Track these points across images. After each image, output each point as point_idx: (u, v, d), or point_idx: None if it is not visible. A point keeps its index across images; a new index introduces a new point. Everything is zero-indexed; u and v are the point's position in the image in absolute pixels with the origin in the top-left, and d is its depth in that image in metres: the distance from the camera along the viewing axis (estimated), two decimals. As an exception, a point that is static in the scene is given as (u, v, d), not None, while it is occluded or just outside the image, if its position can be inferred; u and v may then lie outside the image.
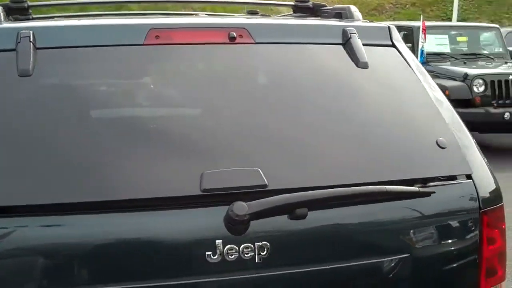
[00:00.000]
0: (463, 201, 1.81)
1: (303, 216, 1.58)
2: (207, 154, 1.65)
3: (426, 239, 1.77)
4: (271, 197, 1.55)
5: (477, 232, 1.79)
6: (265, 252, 1.56)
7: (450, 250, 1.78)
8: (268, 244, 1.56)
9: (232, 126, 1.74)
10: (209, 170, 1.58)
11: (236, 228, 1.53)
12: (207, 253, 1.53)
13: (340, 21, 2.21)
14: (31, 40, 1.72)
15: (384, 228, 1.71)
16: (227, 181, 1.58)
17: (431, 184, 1.78)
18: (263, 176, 1.59)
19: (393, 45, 2.08)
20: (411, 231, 1.73)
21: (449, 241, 1.79)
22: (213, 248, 1.53)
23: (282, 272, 1.59)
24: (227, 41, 1.86)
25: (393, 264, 1.69)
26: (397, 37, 2.13)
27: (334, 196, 1.60)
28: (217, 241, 1.53)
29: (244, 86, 1.86)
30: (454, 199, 1.81)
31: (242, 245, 1.55)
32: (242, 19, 2.36)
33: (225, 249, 1.54)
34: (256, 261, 1.55)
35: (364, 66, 1.93)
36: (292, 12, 2.71)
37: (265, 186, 1.58)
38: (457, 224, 1.79)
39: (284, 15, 2.88)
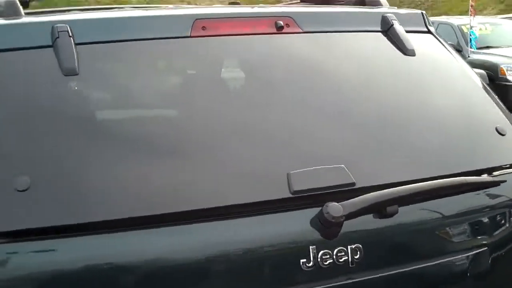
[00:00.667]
0: None
1: (394, 214, 1.49)
2: (285, 152, 1.52)
3: (502, 230, 1.71)
4: (363, 196, 1.45)
5: None
6: (358, 256, 1.45)
7: None
8: (361, 246, 1.46)
9: (306, 120, 1.61)
10: (295, 170, 1.45)
11: (331, 231, 1.41)
12: (301, 260, 1.41)
13: (377, 7, 2.12)
14: (70, 34, 1.53)
15: (464, 221, 1.64)
16: (316, 181, 1.46)
17: (498, 173, 1.73)
18: (349, 173, 1.49)
19: (429, 31, 2.03)
20: (486, 222, 1.67)
21: None
22: (307, 255, 1.41)
23: (377, 275, 1.49)
24: (274, 30, 1.74)
25: (473, 259, 1.62)
26: (430, 23, 2.08)
27: (423, 190, 1.52)
28: (310, 247, 1.41)
29: (306, 78, 1.74)
30: None
31: (336, 249, 1.43)
32: (284, 8, 2.22)
33: (319, 254, 1.41)
34: (350, 265, 1.44)
35: (412, 54, 1.87)
36: (299, 1, 2.60)
37: (353, 184, 1.48)
38: None
39: (291, 3, 2.77)
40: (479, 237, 1.64)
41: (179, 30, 1.65)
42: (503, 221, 1.69)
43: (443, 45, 2.01)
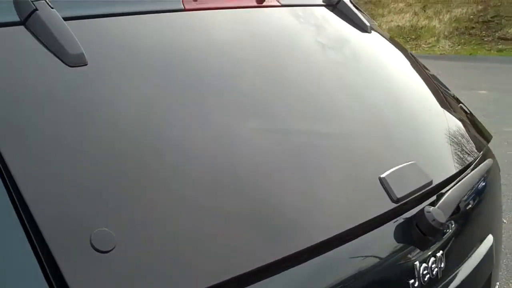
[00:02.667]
0: None
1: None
2: (352, 150, 1.27)
3: None
4: (450, 195, 1.27)
5: None
6: (443, 264, 1.25)
7: None
8: (442, 251, 1.25)
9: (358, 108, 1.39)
10: (383, 173, 1.20)
11: (429, 241, 1.20)
12: (410, 282, 1.16)
13: None
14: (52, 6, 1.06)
15: None
16: (407, 183, 1.23)
17: None
18: (424, 170, 1.29)
19: None
20: None
21: None
22: (413, 273, 1.17)
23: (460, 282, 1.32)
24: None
25: None
26: None
27: None
28: (415, 263, 1.18)
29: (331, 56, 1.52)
30: None
31: (431, 259, 1.22)
32: None
33: (421, 270, 1.19)
34: (439, 276, 1.24)
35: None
36: None
37: (431, 182, 1.28)
38: None
39: None
40: None
41: (171, 3, 1.31)
42: None
43: None
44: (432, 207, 1.19)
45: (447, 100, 1.73)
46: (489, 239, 1.52)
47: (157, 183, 0.96)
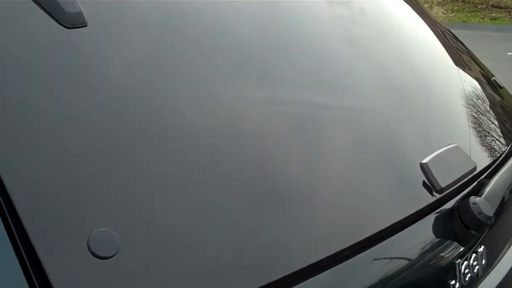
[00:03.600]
0: None
1: None
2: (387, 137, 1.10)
3: None
4: (496, 182, 1.12)
5: None
6: (484, 261, 1.10)
7: None
8: (483, 247, 1.10)
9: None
10: (425, 159, 1.04)
11: (473, 236, 1.05)
12: (451, 283, 1.01)
13: None
14: None
15: None
16: (449, 170, 1.08)
17: None
18: (467, 154, 1.14)
19: None
20: None
21: None
22: (454, 273, 1.03)
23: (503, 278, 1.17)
24: None
25: None
26: None
27: None
28: (456, 261, 1.02)
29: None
30: None
31: (473, 256, 1.07)
32: None
33: (462, 268, 1.03)
34: (479, 274, 1.09)
35: None
36: None
37: (475, 168, 1.13)
38: None
39: None
40: None
41: None
42: None
43: None
44: (478, 198, 1.03)
45: (478, 71, 1.56)
46: None
47: (169, 169, 0.79)
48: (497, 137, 1.34)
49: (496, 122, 1.37)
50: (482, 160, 1.20)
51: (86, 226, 0.67)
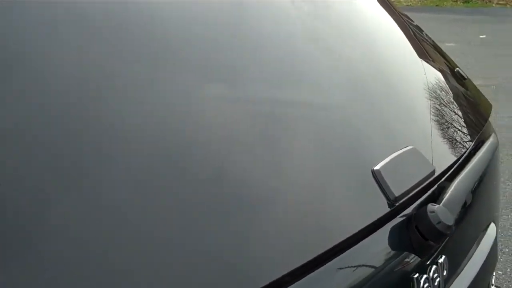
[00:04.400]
0: None
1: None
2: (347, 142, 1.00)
3: None
4: (456, 187, 1.03)
5: None
6: (445, 272, 1.01)
7: None
8: (444, 257, 1.01)
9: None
10: (377, 165, 0.92)
11: (437, 245, 0.96)
12: None
13: None
14: None
15: None
16: (405, 175, 0.98)
17: None
18: (425, 156, 1.04)
19: None
20: None
21: None
22: (412, 283, 0.93)
23: None
24: None
25: None
26: None
27: None
28: (414, 276, 0.93)
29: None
30: None
31: (433, 268, 0.97)
32: None
33: (421, 283, 0.94)
34: (440, 287, 1.00)
35: None
36: None
37: (434, 172, 1.03)
38: None
39: None
40: None
41: None
42: None
43: None
44: (437, 206, 0.93)
45: (442, 62, 1.47)
46: (492, 229, 1.30)
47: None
48: (460, 134, 1.25)
49: (458, 118, 1.28)
50: (443, 161, 1.10)
51: None
